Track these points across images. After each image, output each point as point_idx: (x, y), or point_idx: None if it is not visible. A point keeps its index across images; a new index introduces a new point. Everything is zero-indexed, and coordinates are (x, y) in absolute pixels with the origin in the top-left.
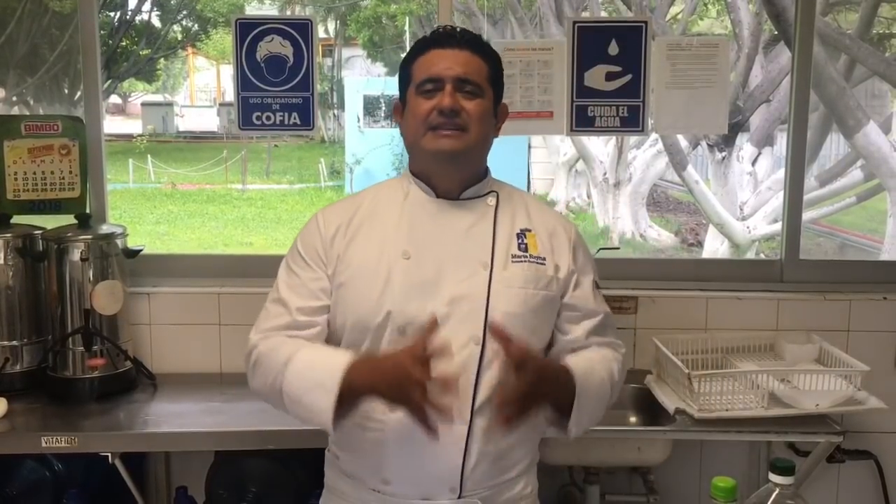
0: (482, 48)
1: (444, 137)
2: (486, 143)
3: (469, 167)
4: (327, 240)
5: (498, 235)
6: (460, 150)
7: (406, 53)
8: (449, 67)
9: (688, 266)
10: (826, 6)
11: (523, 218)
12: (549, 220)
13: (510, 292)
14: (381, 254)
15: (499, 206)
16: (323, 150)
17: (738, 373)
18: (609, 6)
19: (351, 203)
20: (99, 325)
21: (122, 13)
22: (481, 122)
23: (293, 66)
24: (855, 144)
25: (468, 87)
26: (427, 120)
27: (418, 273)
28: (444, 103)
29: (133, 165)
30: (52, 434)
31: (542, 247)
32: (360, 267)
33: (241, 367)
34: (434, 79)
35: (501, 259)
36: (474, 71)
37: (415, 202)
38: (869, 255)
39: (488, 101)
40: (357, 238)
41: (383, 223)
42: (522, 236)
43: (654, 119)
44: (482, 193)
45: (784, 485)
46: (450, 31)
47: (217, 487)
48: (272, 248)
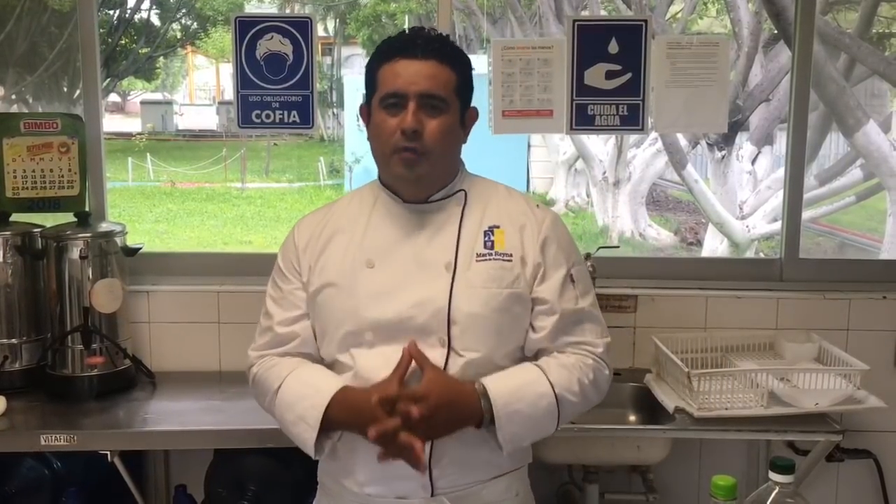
0: (449, 57)
1: (406, 164)
2: (450, 158)
3: (434, 183)
4: (300, 251)
5: (463, 235)
6: (422, 175)
7: (372, 53)
8: (413, 82)
9: (687, 265)
10: (826, 5)
11: (493, 214)
12: (519, 212)
13: (472, 292)
14: (347, 264)
15: (467, 204)
16: (322, 149)
17: (737, 372)
18: (609, 5)
19: (324, 212)
20: (98, 323)
21: (121, 11)
22: (444, 140)
23: (293, 64)
24: (854, 144)
25: (433, 101)
26: (391, 141)
27: (382, 279)
28: (405, 124)
29: (132, 164)
30: (51, 432)
31: (509, 242)
32: (328, 278)
33: (240, 366)
34: (397, 94)
35: (466, 259)
36: (440, 84)
37: (382, 209)
38: (868, 255)
39: (453, 113)
40: (327, 248)
41: (352, 231)
42: (490, 233)
43: (654, 118)
44: (451, 194)
45: (784, 483)
46: (416, 38)
47: (216, 486)
48: (271, 246)
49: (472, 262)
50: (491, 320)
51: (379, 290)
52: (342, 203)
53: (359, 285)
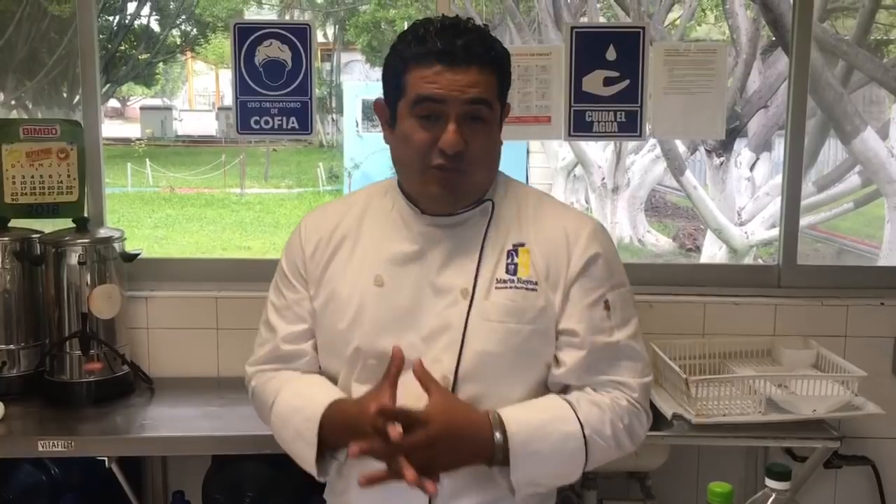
0: (493, 60)
1: (443, 183)
2: (491, 171)
3: (469, 200)
4: (307, 257)
5: (485, 255)
6: (459, 194)
7: (398, 44)
8: (454, 90)
9: (685, 271)
10: (824, 12)
11: (520, 229)
12: (551, 227)
13: (488, 327)
14: (356, 278)
15: (493, 217)
16: (321, 155)
17: (735, 378)
18: (608, 12)
19: (338, 210)
20: (96, 328)
21: (121, 17)
22: (488, 156)
23: (291, 70)
24: (852, 150)
25: (476, 108)
26: (424, 156)
27: (392, 303)
28: (446, 145)
29: (131, 169)
30: (48, 438)
31: (535, 266)
32: (333, 291)
33: (238, 372)
34: (436, 100)
35: (485, 285)
36: (483, 91)
37: (398, 218)
38: (866, 261)
39: (496, 118)
40: (336, 256)
41: (364, 240)
42: (514, 254)
43: (652, 124)
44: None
45: (780, 490)
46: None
47: (214, 492)
48: (270, 252)
49: (490, 290)
50: (506, 359)
51: (387, 312)
52: (356, 203)
53: (366, 307)
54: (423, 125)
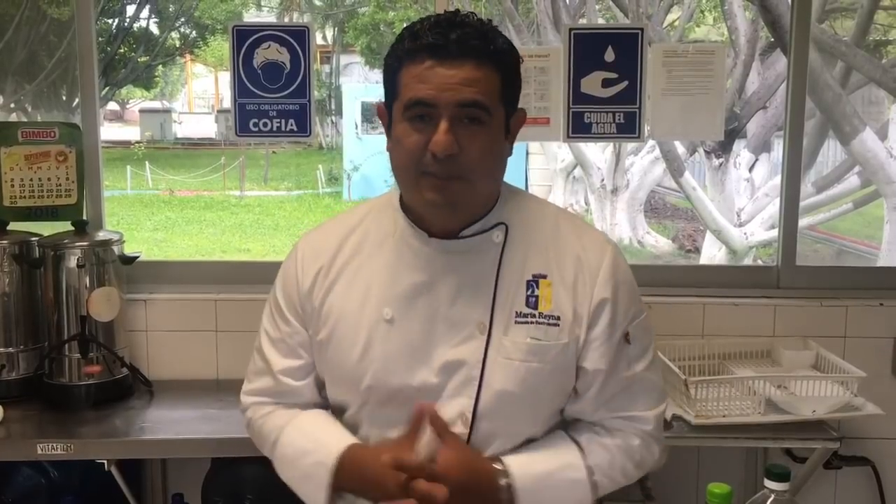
0: (493, 56)
1: (437, 190)
2: (494, 180)
3: (472, 213)
4: (304, 292)
5: (501, 286)
6: (458, 203)
7: (393, 46)
8: (445, 90)
9: (684, 272)
10: (822, 13)
11: (540, 256)
12: (571, 255)
13: (509, 366)
14: (361, 312)
15: (507, 242)
16: (321, 157)
17: (734, 379)
18: (607, 13)
19: (337, 233)
20: (95, 331)
21: (120, 20)
22: (486, 161)
23: (290, 72)
24: (851, 151)
25: (471, 111)
26: (417, 161)
27: (403, 338)
28: (436, 147)
29: (131, 172)
30: (47, 441)
31: (558, 299)
32: (338, 325)
33: (237, 374)
34: (424, 102)
35: (503, 319)
36: (480, 92)
37: (403, 243)
38: (866, 261)
39: (497, 123)
40: (336, 286)
41: (367, 270)
42: (534, 285)
43: (651, 126)
44: (487, 227)
45: (779, 491)
46: (450, 32)
47: (213, 495)
48: (270, 254)
49: (510, 324)
50: (526, 399)
51: (398, 349)
52: (355, 222)
53: (375, 343)
54: (416, 127)
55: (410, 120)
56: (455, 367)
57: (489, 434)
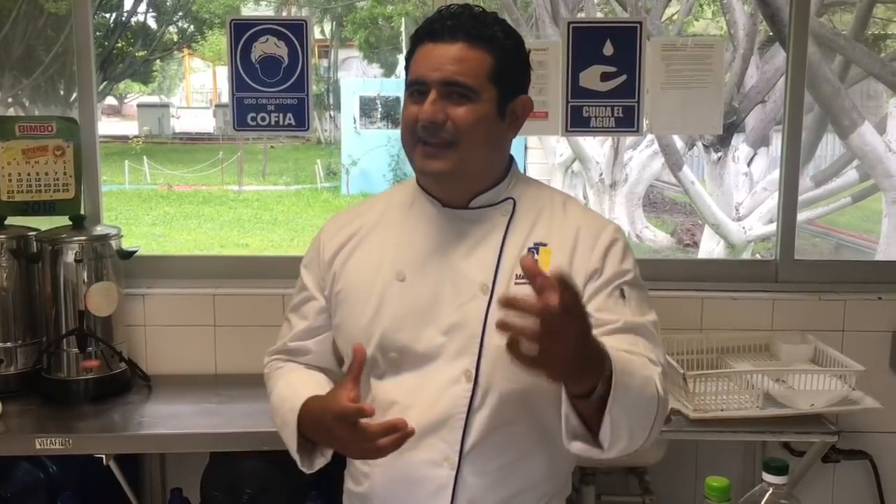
0: (484, 38)
1: (430, 158)
2: (487, 152)
3: (469, 181)
4: (325, 263)
5: (505, 252)
6: (449, 171)
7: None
8: (435, 68)
9: (683, 266)
10: (821, 7)
11: (542, 229)
12: (573, 228)
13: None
14: (377, 274)
15: (514, 215)
16: (319, 152)
17: (733, 373)
18: (605, 7)
19: (358, 213)
20: (93, 326)
21: (117, 14)
22: (475, 131)
23: (288, 66)
24: (850, 145)
25: (456, 89)
26: (412, 130)
27: (413, 297)
28: (421, 114)
29: (129, 167)
30: (46, 436)
31: (556, 264)
32: (353, 288)
33: (236, 369)
34: (419, 81)
35: (505, 280)
36: (468, 70)
37: (419, 213)
38: (864, 256)
39: (487, 102)
40: (355, 253)
41: (385, 237)
42: (535, 251)
43: (649, 120)
44: (496, 201)
45: (777, 484)
46: (445, 16)
47: (212, 489)
48: (268, 249)
49: (510, 285)
50: None
51: (408, 307)
52: (378, 202)
53: (387, 301)
54: (413, 100)
55: (411, 96)
56: (459, 326)
57: (493, 390)
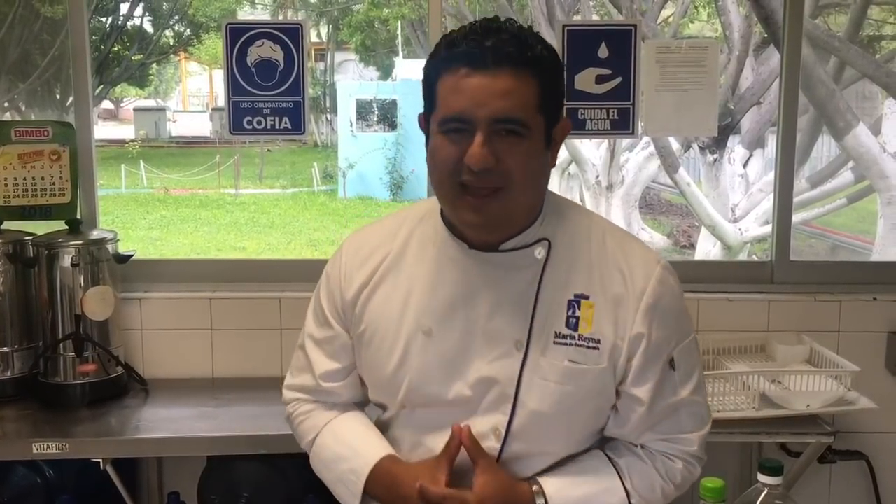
0: (531, 63)
1: (475, 210)
2: (535, 191)
3: (513, 227)
4: (348, 301)
5: (541, 304)
6: (498, 221)
7: (431, 54)
8: (480, 104)
9: (679, 267)
10: (815, 8)
11: (583, 275)
12: (615, 276)
13: (544, 387)
14: (401, 321)
15: (549, 258)
16: (316, 155)
17: (728, 374)
18: (601, 10)
19: (383, 237)
20: (90, 330)
21: (113, 18)
22: (525, 173)
23: (284, 70)
24: (845, 146)
25: (508, 126)
26: (452, 173)
27: (439, 351)
28: (472, 160)
29: (125, 171)
30: (43, 440)
31: (598, 323)
32: (377, 332)
33: (233, 372)
34: (460, 119)
35: (541, 338)
36: (517, 105)
37: (443, 255)
38: (860, 256)
39: (537, 134)
40: (378, 291)
41: (408, 276)
42: (575, 306)
43: (645, 122)
44: (529, 242)
45: (772, 485)
46: (486, 40)
47: (209, 492)
48: (265, 252)
49: (548, 345)
50: (561, 422)
51: (436, 360)
52: (401, 228)
53: (413, 353)
54: (451, 139)
55: (446, 133)
56: (490, 382)
57: (521, 452)
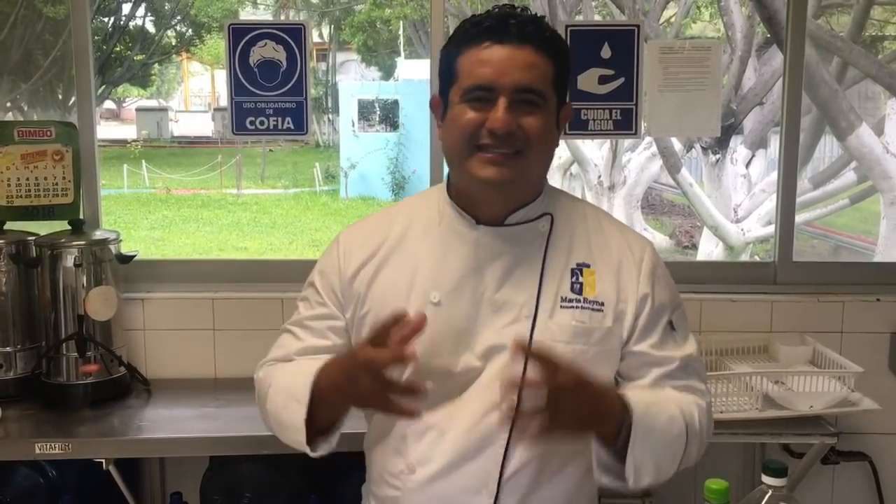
0: (548, 43)
1: (495, 165)
2: (546, 164)
3: (523, 194)
4: (346, 279)
5: (547, 272)
6: (514, 180)
7: (451, 37)
8: (505, 73)
9: (681, 268)
10: (818, 8)
11: (583, 247)
12: (615, 248)
13: (554, 348)
14: (408, 296)
15: (552, 232)
16: (318, 155)
17: (732, 375)
18: (603, 10)
19: (379, 226)
20: (93, 330)
21: (116, 18)
22: (542, 142)
23: (286, 70)
24: (848, 146)
25: (528, 96)
26: (473, 136)
27: (448, 321)
28: (496, 124)
29: (128, 171)
30: (45, 440)
31: (602, 287)
32: (383, 311)
33: (235, 373)
34: (485, 87)
35: (549, 303)
36: (538, 77)
37: (450, 230)
38: (862, 257)
39: (550, 111)
40: (382, 272)
41: (413, 255)
42: (578, 273)
43: (647, 122)
44: (533, 217)
45: (776, 486)
46: (508, 17)
47: (212, 493)
48: (267, 252)
49: (555, 308)
50: None
51: (444, 331)
52: (401, 214)
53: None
54: (473, 107)
55: (469, 101)
56: (499, 350)
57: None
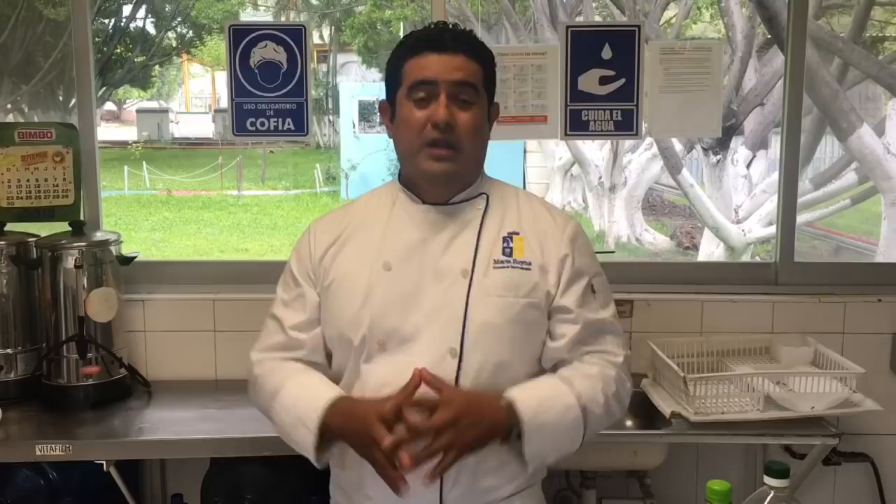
0: (477, 51)
1: (439, 161)
2: (481, 154)
3: (463, 182)
4: (316, 260)
5: (482, 241)
6: (455, 173)
7: (396, 48)
8: (444, 72)
9: (683, 269)
10: (819, 9)
11: (513, 220)
12: (542, 219)
13: (488, 301)
14: (364, 266)
15: (488, 209)
16: (318, 156)
17: (733, 376)
18: (603, 11)
19: (343, 215)
20: (93, 332)
21: (116, 20)
22: (476, 136)
23: (287, 71)
24: (849, 147)
25: (463, 94)
26: (422, 134)
27: (399, 285)
28: (438, 116)
29: (128, 172)
30: (46, 442)
31: (529, 250)
32: (343, 279)
33: (236, 374)
34: (427, 81)
35: (483, 265)
36: (471, 74)
37: (401, 210)
38: (864, 258)
39: (482, 107)
40: (344, 249)
41: (369, 233)
42: (509, 240)
43: (648, 123)
44: (472, 196)
45: (778, 487)
46: (444, 32)
47: (212, 495)
48: (268, 254)
49: (489, 269)
50: (505, 330)
51: (395, 293)
52: (359, 203)
53: (375, 289)
54: (419, 106)
55: (415, 101)
56: (442, 307)
57: (476, 364)
